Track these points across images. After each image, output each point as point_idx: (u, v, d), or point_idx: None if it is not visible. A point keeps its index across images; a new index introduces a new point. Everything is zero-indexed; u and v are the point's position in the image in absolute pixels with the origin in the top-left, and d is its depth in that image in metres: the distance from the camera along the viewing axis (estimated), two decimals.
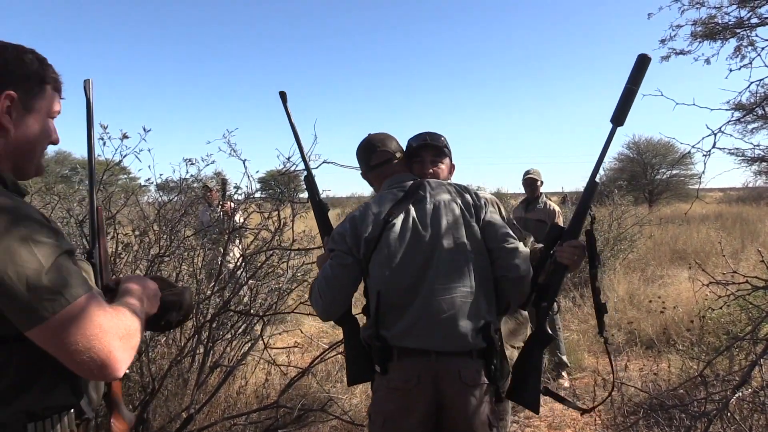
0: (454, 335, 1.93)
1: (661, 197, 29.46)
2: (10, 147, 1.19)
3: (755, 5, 4.40)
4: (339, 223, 2.19)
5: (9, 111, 1.17)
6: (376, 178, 2.34)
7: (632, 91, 1.90)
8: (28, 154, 1.25)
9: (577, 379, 4.94)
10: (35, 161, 1.28)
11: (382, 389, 1.99)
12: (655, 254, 10.52)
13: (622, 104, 1.91)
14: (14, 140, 1.19)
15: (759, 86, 4.03)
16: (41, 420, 1.14)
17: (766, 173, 24.44)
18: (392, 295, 1.98)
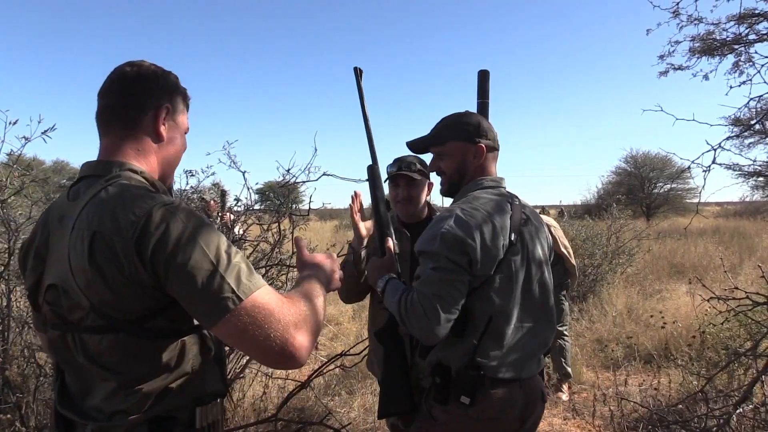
0: (537, 361, 1.91)
1: (659, 211, 29.53)
2: (161, 156, 1.32)
3: (753, 22, 4.42)
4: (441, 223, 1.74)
5: (164, 122, 1.31)
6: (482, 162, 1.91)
7: (485, 104, 2.15)
8: (173, 164, 1.38)
9: (576, 393, 4.92)
10: (174, 171, 1.42)
11: (463, 420, 1.78)
12: (654, 268, 10.52)
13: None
14: (165, 150, 1.33)
15: (758, 102, 4.05)
16: (205, 405, 1.24)
17: (763, 188, 24.54)
18: (500, 323, 1.80)
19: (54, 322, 1.23)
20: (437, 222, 1.78)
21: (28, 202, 3.50)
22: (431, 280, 1.70)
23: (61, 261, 1.19)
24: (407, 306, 1.72)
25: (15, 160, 3.10)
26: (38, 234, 1.29)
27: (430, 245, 1.72)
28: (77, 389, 1.26)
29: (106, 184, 1.19)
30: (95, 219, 1.13)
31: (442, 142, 1.91)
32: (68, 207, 1.23)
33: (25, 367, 3.22)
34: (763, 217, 24.05)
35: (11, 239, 3.13)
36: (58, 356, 1.27)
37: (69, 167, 28.82)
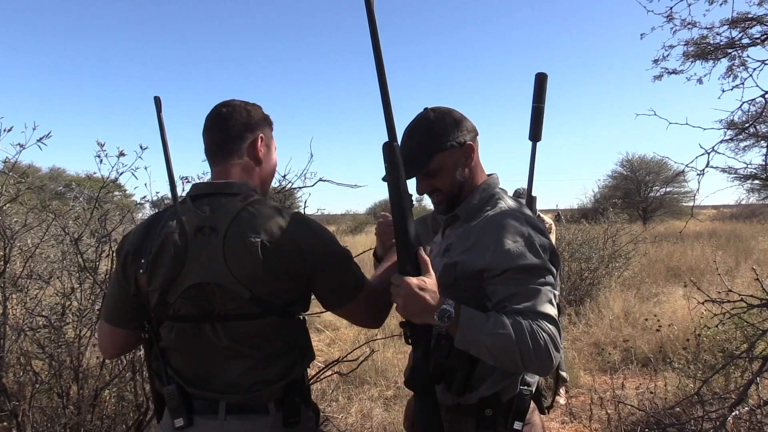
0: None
1: (655, 214, 29.61)
2: (261, 175, 1.64)
3: (746, 26, 4.45)
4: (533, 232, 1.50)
5: (260, 148, 1.62)
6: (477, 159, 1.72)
7: (540, 109, 2.02)
8: (269, 179, 1.72)
9: (573, 396, 4.92)
10: (270, 185, 1.75)
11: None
12: (650, 272, 10.54)
13: (535, 122, 2.02)
14: (263, 170, 1.65)
15: (751, 105, 4.07)
16: (307, 367, 1.60)
17: (758, 191, 24.65)
18: None
19: (191, 314, 1.47)
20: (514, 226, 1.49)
21: (24, 209, 3.50)
22: (541, 297, 1.41)
23: (212, 263, 1.44)
24: (535, 338, 1.34)
25: (11, 168, 3.10)
26: (154, 241, 1.50)
27: (533, 257, 1.44)
28: (201, 371, 1.51)
29: (245, 202, 1.50)
30: (261, 229, 1.45)
31: (428, 161, 1.61)
32: (207, 219, 1.48)
33: (22, 375, 3.22)
34: (759, 220, 24.15)
35: (6, 247, 3.13)
36: (184, 344, 1.50)
37: (65, 174, 28.75)
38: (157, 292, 1.48)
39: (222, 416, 1.48)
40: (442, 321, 1.35)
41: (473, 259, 1.50)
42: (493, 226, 1.51)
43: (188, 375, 1.52)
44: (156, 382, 1.58)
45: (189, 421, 1.48)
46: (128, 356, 3.20)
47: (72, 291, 3.25)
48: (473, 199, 1.64)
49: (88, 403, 3.06)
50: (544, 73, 2.05)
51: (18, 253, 3.41)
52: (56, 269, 3.68)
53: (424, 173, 1.64)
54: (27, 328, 3.25)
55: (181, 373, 1.52)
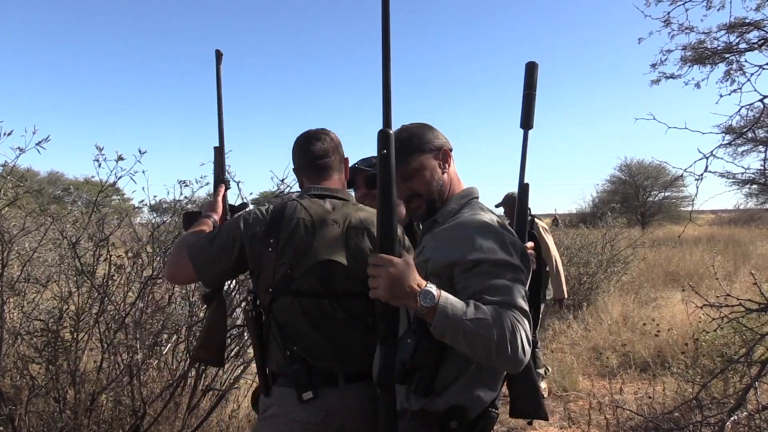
0: None
1: (654, 219, 29.63)
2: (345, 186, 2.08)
3: (743, 31, 4.47)
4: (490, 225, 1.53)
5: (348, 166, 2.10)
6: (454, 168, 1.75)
7: (531, 96, 2.05)
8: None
9: (572, 401, 4.91)
10: None
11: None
12: (649, 276, 10.54)
13: (526, 109, 2.03)
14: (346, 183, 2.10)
15: (749, 110, 4.08)
16: None
17: (757, 195, 24.68)
18: None
19: (314, 289, 1.76)
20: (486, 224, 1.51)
21: (22, 213, 3.49)
22: (515, 292, 1.40)
23: (335, 247, 1.79)
24: (512, 330, 1.32)
25: (9, 171, 3.10)
26: (284, 226, 1.79)
27: (504, 254, 1.44)
28: (320, 344, 1.75)
29: (357, 206, 1.94)
30: (369, 224, 1.86)
31: (407, 160, 1.61)
32: (330, 213, 1.86)
33: (18, 379, 3.20)
34: (757, 225, 24.16)
35: (4, 250, 3.12)
36: (305, 318, 1.75)
37: (63, 178, 28.74)
38: (285, 266, 1.75)
39: (342, 385, 1.74)
40: (425, 302, 1.31)
41: (444, 254, 1.50)
42: (465, 224, 1.54)
43: (310, 349, 1.75)
44: (268, 360, 1.81)
45: (315, 393, 1.71)
46: (125, 360, 3.19)
47: (69, 295, 3.24)
48: (452, 204, 1.66)
49: (84, 407, 3.04)
50: (534, 62, 2.09)
51: (16, 256, 3.40)
52: (54, 273, 3.67)
53: (404, 176, 1.62)
54: (24, 332, 3.24)
55: (302, 347, 1.75)
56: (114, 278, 3.26)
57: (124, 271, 3.33)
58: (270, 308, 1.77)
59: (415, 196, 1.65)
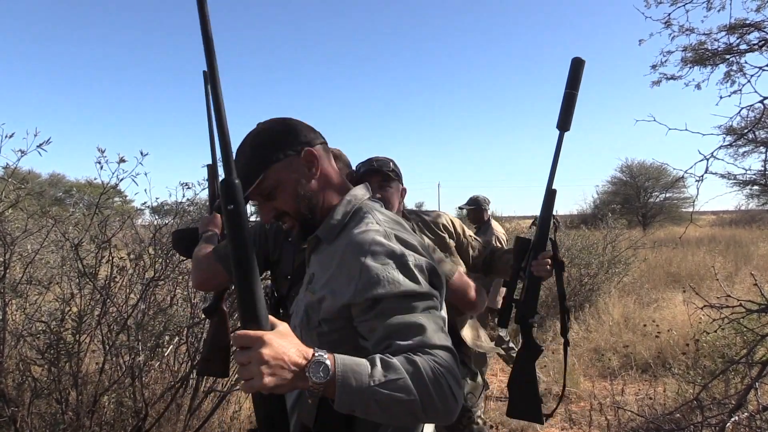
0: None
1: (655, 220, 29.60)
2: None
3: (744, 32, 4.47)
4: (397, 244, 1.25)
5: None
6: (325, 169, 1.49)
7: (572, 96, 1.96)
8: None
9: (573, 402, 4.91)
10: None
11: None
12: (650, 277, 10.53)
13: (565, 109, 1.96)
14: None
15: (749, 111, 4.09)
16: None
17: (758, 196, 24.66)
18: None
19: None
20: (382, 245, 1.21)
21: (24, 215, 3.51)
22: (429, 327, 1.14)
23: None
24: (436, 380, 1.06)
25: (11, 174, 3.11)
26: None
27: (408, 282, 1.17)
28: None
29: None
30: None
31: (259, 175, 1.28)
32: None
33: (21, 381, 3.21)
34: (758, 226, 24.14)
35: (6, 252, 3.13)
36: None
37: (65, 180, 28.77)
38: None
39: None
40: (317, 378, 1.00)
41: (337, 292, 1.20)
42: (355, 248, 1.20)
43: None
44: None
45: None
46: (127, 362, 3.20)
47: (72, 297, 3.25)
48: (335, 216, 1.32)
49: (86, 409, 3.05)
50: (580, 58, 1.97)
51: (18, 258, 3.41)
52: (56, 275, 3.68)
53: (261, 195, 1.32)
54: (26, 333, 3.25)
55: None
56: (116, 280, 3.28)
57: (126, 272, 3.35)
58: (288, 295, 1.82)
59: (284, 215, 1.35)
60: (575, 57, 1.96)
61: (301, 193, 1.31)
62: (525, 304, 2.13)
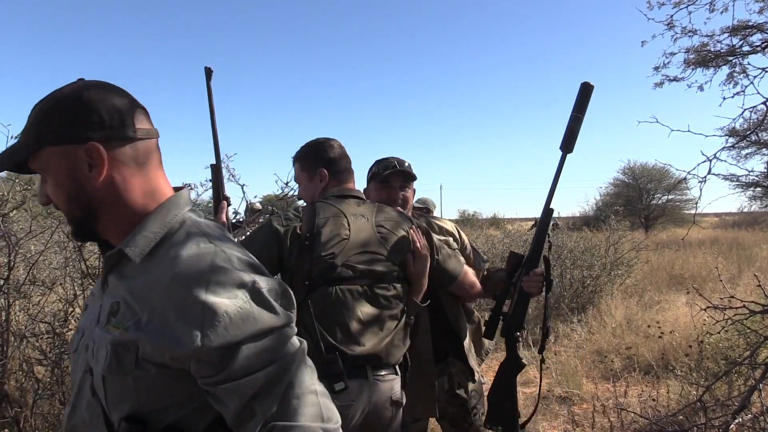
0: None
1: (657, 222, 29.55)
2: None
3: (746, 34, 4.47)
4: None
5: None
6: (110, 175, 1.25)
7: (578, 119, 1.98)
8: None
9: (575, 404, 4.91)
10: None
11: None
12: (652, 279, 10.52)
13: (570, 132, 1.98)
14: None
15: (752, 113, 4.09)
16: None
17: (761, 198, 24.61)
18: None
19: (354, 276, 1.87)
20: (224, 271, 0.93)
21: (28, 216, 3.52)
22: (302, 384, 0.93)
23: (370, 235, 1.95)
24: None
25: (16, 175, 3.12)
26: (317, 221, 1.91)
27: (266, 310, 0.94)
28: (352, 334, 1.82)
29: (375, 205, 2.11)
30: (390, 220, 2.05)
31: (29, 151, 0.99)
32: (359, 210, 2.02)
33: (24, 381, 3.22)
34: (761, 228, 24.10)
35: (11, 253, 3.14)
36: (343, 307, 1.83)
37: None
38: (323, 256, 1.85)
39: (370, 377, 1.81)
40: None
41: (167, 338, 0.89)
42: (189, 279, 0.91)
43: (346, 337, 1.80)
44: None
45: (346, 384, 1.72)
46: None
47: (75, 297, 3.26)
48: (149, 227, 0.99)
49: None
50: (590, 83, 1.97)
51: (22, 259, 3.42)
52: (59, 276, 3.69)
53: (38, 170, 1.02)
54: (30, 334, 3.26)
55: (338, 336, 1.79)
56: None
57: None
58: (306, 300, 1.79)
59: (57, 207, 1.05)
60: (584, 82, 1.97)
61: (73, 193, 0.98)
62: (512, 318, 2.14)
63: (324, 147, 2.12)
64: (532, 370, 5.80)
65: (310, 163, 2.12)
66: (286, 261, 1.88)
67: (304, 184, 2.16)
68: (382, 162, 2.39)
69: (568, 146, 1.99)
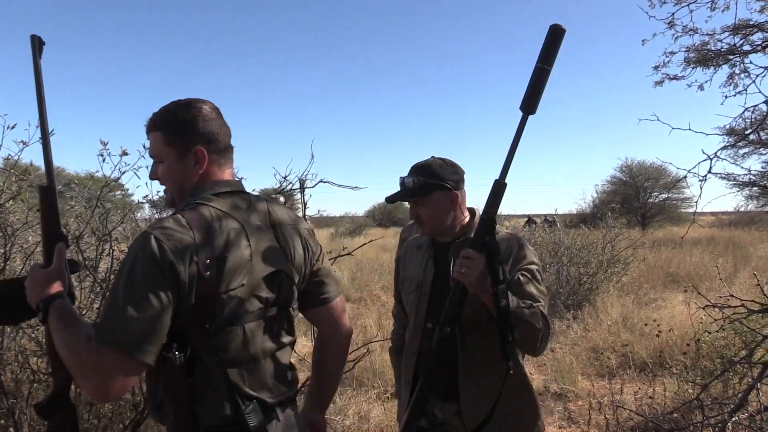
0: None
1: (654, 220, 29.64)
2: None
3: (747, 33, 4.47)
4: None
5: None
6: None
7: (544, 72, 1.59)
8: None
9: (571, 401, 4.92)
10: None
11: None
12: (649, 277, 10.54)
13: (533, 88, 1.59)
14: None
15: (752, 112, 4.09)
16: None
17: (757, 198, 24.68)
18: None
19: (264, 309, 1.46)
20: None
21: (25, 207, 3.49)
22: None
23: (275, 252, 1.50)
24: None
25: (12, 165, 3.10)
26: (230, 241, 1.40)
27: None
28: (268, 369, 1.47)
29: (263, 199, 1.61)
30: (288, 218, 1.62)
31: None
32: (252, 214, 1.52)
33: (19, 373, 3.21)
34: (757, 227, 24.18)
35: (7, 244, 3.12)
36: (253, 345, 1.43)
37: (65, 173, 28.54)
38: (228, 290, 1.36)
39: (281, 416, 1.48)
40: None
41: None
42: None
43: (262, 381, 1.45)
44: (203, 416, 1.36)
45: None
46: None
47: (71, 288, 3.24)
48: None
49: (85, 401, 3.05)
50: (561, 26, 1.58)
51: (18, 250, 3.40)
52: None
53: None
54: (25, 325, 3.24)
55: (254, 382, 1.43)
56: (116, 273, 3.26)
57: None
58: (209, 346, 1.36)
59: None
60: (554, 24, 1.58)
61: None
62: (445, 311, 1.72)
63: (202, 114, 1.52)
64: (528, 366, 5.82)
65: (180, 134, 1.50)
66: (184, 295, 1.31)
67: (170, 163, 1.52)
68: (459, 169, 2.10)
69: (530, 106, 1.60)
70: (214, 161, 1.53)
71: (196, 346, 1.34)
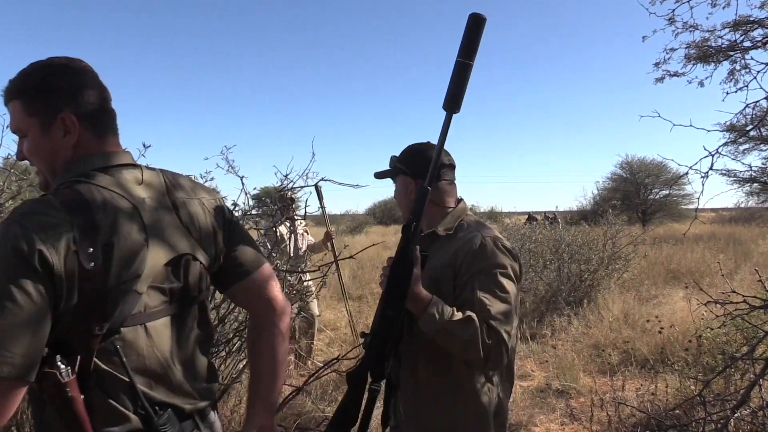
0: None
1: (655, 217, 29.64)
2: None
3: (748, 29, 4.46)
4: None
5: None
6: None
7: (466, 67, 1.46)
8: None
9: (573, 398, 4.92)
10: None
11: None
12: (650, 273, 10.54)
13: (455, 85, 1.47)
14: None
15: (753, 109, 4.08)
16: None
17: (757, 194, 24.67)
18: None
19: (167, 303, 1.25)
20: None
21: None
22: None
23: (177, 232, 1.28)
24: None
25: (12, 165, 3.10)
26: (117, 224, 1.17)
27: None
28: (182, 372, 1.27)
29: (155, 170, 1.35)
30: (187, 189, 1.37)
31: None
32: (147, 189, 1.28)
33: None
34: (758, 224, 24.17)
35: None
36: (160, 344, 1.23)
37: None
38: (120, 284, 1.15)
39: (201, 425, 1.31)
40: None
41: None
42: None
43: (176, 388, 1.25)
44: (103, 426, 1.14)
45: None
46: None
47: None
48: None
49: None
50: (480, 14, 1.44)
51: None
52: None
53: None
54: None
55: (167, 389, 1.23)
56: None
57: None
58: (106, 353, 1.14)
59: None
60: (473, 13, 1.43)
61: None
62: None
63: (67, 72, 1.25)
64: (529, 363, 5.83)
65: (41, 101, 1.24)
66: (65, 295, 1.08)
67: (34, 137, 1.26)
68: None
69: (453, 104, 1.47)
70: (88, 129, 1.26)
71: (86, 354, 1.11)
